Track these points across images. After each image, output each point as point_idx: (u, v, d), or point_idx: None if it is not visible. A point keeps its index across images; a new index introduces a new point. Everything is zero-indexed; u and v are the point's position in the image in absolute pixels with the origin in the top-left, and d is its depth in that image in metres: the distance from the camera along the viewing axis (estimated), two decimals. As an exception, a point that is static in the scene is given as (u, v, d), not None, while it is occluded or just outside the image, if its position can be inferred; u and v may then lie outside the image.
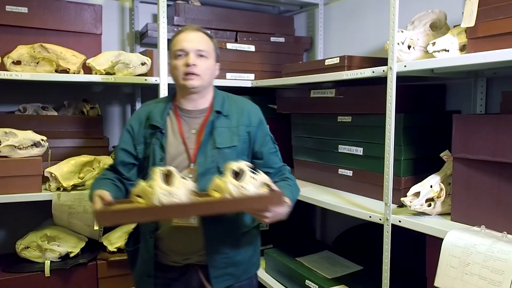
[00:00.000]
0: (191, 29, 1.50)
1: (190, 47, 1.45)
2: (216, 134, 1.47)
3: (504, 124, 1.23)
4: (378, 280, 1.52)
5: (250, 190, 1.23)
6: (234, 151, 1.47)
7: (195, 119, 1.51)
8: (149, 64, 2.12)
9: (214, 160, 1.44)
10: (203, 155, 1.45)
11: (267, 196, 1.25)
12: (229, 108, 1.53)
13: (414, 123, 1.64)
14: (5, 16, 1.94)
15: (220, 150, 1.45)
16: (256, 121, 1.53)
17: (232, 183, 1.22)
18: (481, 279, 1.11)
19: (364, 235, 2.16)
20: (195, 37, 1.47)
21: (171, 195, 1.19)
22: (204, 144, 1.46)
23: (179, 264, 1.49)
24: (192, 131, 1.49)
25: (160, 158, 1.45)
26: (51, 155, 1.96)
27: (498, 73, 1.62)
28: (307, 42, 2.60)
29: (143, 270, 1.50)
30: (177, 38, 1.49)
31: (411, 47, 1.50)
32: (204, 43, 1.48)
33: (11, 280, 1.87)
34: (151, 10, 2.57)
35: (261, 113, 1.59)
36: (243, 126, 1.50)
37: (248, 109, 1.55)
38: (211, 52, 1.50)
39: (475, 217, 1.33)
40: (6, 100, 2.26)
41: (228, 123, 1.50)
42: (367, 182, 1.78)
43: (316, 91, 2.00)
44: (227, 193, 1.21)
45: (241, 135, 1.50)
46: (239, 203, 1.23)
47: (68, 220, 2.00)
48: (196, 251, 1.46)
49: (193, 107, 1.51)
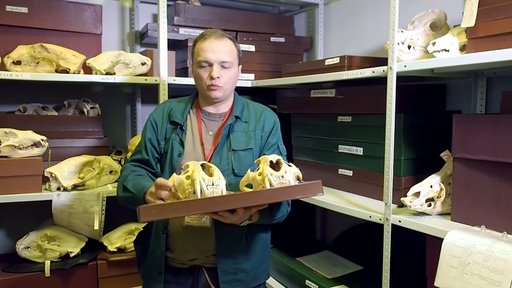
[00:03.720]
0: (214, 36, 1.47)
1: (215, 59, 1.45)
2: (233, 137, 1.49)
3: (504, 124, 1.23)
4: (378, 280, 1.52)
5: (290, 181, 1.23)
6: (250, 154, 1.49)
7: (214, 121, 1.53)
8: (149, 64, 2.12)
9: (229, 162, 1.46)
10: (218, 156, 1.46)
11: (309, 185, 1.23)
12: (248, 114, 1.56)
13: (414, 123, 1.64)
14: (5, 16, 1.94)
15: (236, 152, 1.47)
16: (269, 127, 1.55)
17: (272, 173, 1.22)
18: (481, 279, 1.11)
19: (364, 235, 2.16)
20: (220, 47, 1.46)
21: (214, 185, 1.19)
22: (220, 146, 1.48)
23: (185, 266, 1.48)
24: (209, 132, 1.51)
25: (179, 153, 1.46)
26: (51, 155, 1.96)
27: (498, 73, 1.62)
28: (307, 42, 2.60)
29: (153, 266, 1.49)
30: (201, 46, 1.47)
31: (411, 47, 1.50)
32: (229, 53, 1.47)
33: (11, 280, 1.87)
34: (151, 10, 2.57)
35: (278, 121, 1.59)
36: (259, 131, 1.53)
37: (265, 115, 1.57)
38: (234, 60, 1.50)
39: (475, 217, 1.33)
40: (6, 100, 2.26)
41: (245, 127, 1.53)
42: (367, 182, 1.78)
43: (316, 91, 2.00)
44: (267, 183, 1.21)
45: (257, 139, 1.52)
46: (283, 193, 1.22)
47: (68, 220, 2.00)
48: (204, 251, 1.45)
49: (214, 111, 1.54)
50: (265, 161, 1.27)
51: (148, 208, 1.18)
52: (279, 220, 1.47)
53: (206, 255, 1.46)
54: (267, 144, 1.53)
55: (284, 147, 1.58)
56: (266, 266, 1.59)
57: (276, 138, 1.56)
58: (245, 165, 1.46)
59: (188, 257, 1.47)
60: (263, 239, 1.56)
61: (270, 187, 1.21)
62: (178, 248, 1.47)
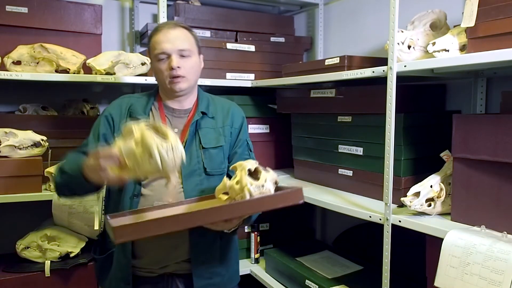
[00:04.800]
0: (167, 27, 1.41)
1: (171, 49, 1.38)
2: (202, 134, 1.43)
3: (504, 124, 1.23)
4: (378, 280, 1.52)
5: (270, 190, 1.20)
6: (221, 151, 1.44)
7: (178, 118, 1.46)
8: (149, 64, 2.12)
9: (199, 161, 1.40)
10: (188, 155, 1.37)
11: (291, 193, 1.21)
12: (214, 109, 1.49)
13: (414, 123, 1.64)
14: (5, 16, 1.94)
15: (206, 150, 1.41)
16: (238, 123, 1.51)
17: (252, 183, 1.18)
18: (481, 279, 1.11)
19: (364, 235, 2.16)
20: (174, 35, 1.39)
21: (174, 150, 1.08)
22: (188, 144, 1.41)
23: (153, 274, 1.39)
24: (175, 130, 1.44)
25: None
26: (51, 155, 1.96)
27: (498, 73, 1.62)
28: (307, 42, 2.60)
29: (119, 277, 1.38)
30: (155, 39, 1.41)
31: (411, 47, 1.50)
32: (185, 40, 1.40)
33: (11, 280, 1.86)
34: (151, 10, 2.57)
35: (244, 117, 1.55)
36: (228, 127, 1.48)
37: (233, 110, 1.52)
38: (193, 48, 1.43)
39: (475, 217, 1.33)
40: (6, 100, 2.26)
41: (213, 124, 1.46)
42: (367, 182, 1.78)
43: (316, 91, 2.00)
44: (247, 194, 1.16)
45: (227, 135, 1.47)
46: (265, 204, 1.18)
47: (68, 220, 2.00)
48: (176, 258, 1.38)
49: (178, 107, 1.47)
50: (242, 169, 1.21)
51: (123, 227, 1.07)
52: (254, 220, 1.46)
53: (177, 261, 1.38)
54: (238, 141, 1.48)
55: (251, 142, 1.54)
56: (237, 267, 1.55)
57: (245, 135, 1.52)
58: (216, 164, 1.41)
59: (157, 264, 1.38)
60: (234, 241, 1.52)
61: (250, 197, 1.16)
62: (147, 255, 1.37)
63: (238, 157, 1.47)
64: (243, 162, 1.23)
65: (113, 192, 1.43)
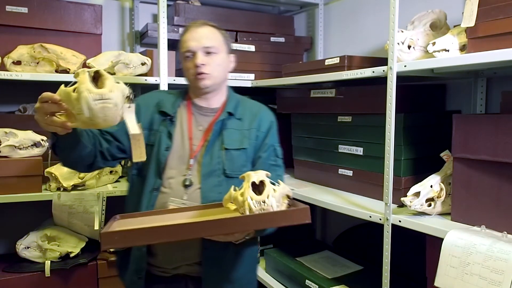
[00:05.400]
0: (195, 25, 1.43)
1: (196, 46, 1.39)
2: (225, 135, 1.41)
3: (504, 124, 1.23)
4: (378, 280, 1.52)
5: (273, 206, 1.12)
6: (243, 154, 1.41)
7: (205, 116, 1.45)
8: (149, 64, 2.12)
9: (220, 162, 1.37)
10: (209, 155, 1.38)
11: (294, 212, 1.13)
12: (242, 111, 1.47)
13: (414, 123, 1.64)
14: (5, 16, 1.94)
15: (228, 151, 1.39)
16: (266, 127, 1.47)
17: (253, 197, 1.11)
18: (481, 279, 1.11)
19: (364, 235, 2.16)
20: (201, 33, 1.41)
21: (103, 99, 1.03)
22: (211, 144, 1.39)
23: (167, 275, 1.39)
24: (199, 127, 1.43)
25: (166, 147, 1.39)
26: (51, 155, 1.96)
27: (498, 73, 1.62)
28: (307, 42, 2.60)
29: (133, 270, 1.39)
30: (183, 38, 1.43)
31: (411, 47, 1.50)
32: (211, 38, 1.41)
33: (11, 280, 1.87)
34: (151, 10, 2.57)
35: (275, 121, 1.51)
36: (254, 130, 1.45)
37: (261, 113, 1.49)
38: (220, 45, 1.43)
39: (475, 217, 1.33)
40: (6, 100, 2.26)
41: (239, 125, 1.44)
42: (367, 182, 1.78)
43: (316, 91, 2.00)
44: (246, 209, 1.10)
45: (252, 138, 1.44)
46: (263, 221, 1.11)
47: (68, 220, 2.00)
48: (189, 259, 1.37)
49: (205, 105, 1.47)
50: (248, 180, 1.15)
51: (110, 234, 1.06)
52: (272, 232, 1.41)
53: (189, 263, 1.38)
54: (263, 145, 1.45)
55: (281, 149, 1.50)
56: (253, 277, 1.52)
57: (273, 139, 1.48)
58: (237, 166, 1.38)
59: (170, 264, 1.38)
60: (251, 249, 1.48)
61: (249, 213, 1.10)
62: (160, 254, 1.38)
63: (262, 162, 1.44)
64: (251, 172, 1.18)
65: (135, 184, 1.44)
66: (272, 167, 1.44)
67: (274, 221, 1.13)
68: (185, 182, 1.37)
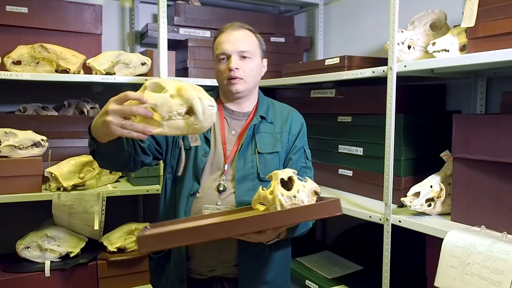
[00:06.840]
0: (231, 28, 1.39)
1: (232, 50, 1.36)
2: (258, 139, 1.40)
3: (504, 124, 1.23)
4: (378, 280, 1.52)
5: (303, 201, 1.11)
6: (276, 158, 1.40)
7: (237, 120, 1.44)
8: (149, 64, 2.12)
9: (254, 166, 1.37)
10: (242, 159, 1.37)
11: (325, 204, 1.11)
12: (273, 114, 1.46)
13: (414, 123, 1.64)
14: (5, 16, 1.94)
15: (261, 155, 1.38)
16: (297, 130, 1.46)
17: (283, 193, 1.11)
18: (481, 279, 1.11)
19: (364, 235, 2.16)
20: (236, 37, 1.37)
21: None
22: (244, 147, 1.38)
23: (204, 277, 1.39)
24: (232, 132, 1.42)
25: (204, 153, 1.37)
26: (51, 155, 1.96)
27: (498, 73, 1.63)
28: (307, 42, 2.60)
29: (175, 276, 1.38)
30: (218, 40, 1.40)
31: (411, 47, 1.50)
32: (247, 42, 1.38)
33: (11, 280, 1.86)
34: (151, 10, 2.57)
35: (305, 124, 1.51)
36: (286, 133, 1.44)
37: (292, 116, 1.48)
38: (255, 50, 1.40)
39: (475, 217, 1.33)
40: (6, 100, 2.26)
41: (271, 129, 1.43)
42: (367, 182, 1.78)
43: (316, 91, 2.00)
44: (277, 205, 1.10)
45: (284, 141, 1.43)
46: (295, 216, 1.09)
47: (68, 220, 2.00)
48: (225, 261, 1.37)
49: (237, 109, 1.45)
50: (276, 178, 1.15)
51: (146, 237, 1.07)
52: (304, 233, 1.40)
53: (226, 265, 1.37)
54: (293, 147, 1.44)
55: (310, 151, 1.50)
56: (286, 278, 1.51)
57: (303, 142, 1.48)
58: (271, 169, 1.35)
59: (206, 267, 1.38)
60: (285, 250, 1.47)
61: (281, 208, 1.09)
62: (197, 256, 1.38)
63: (293, 163, 1.42)
64: (278, 171, 1.18)
65: (171, 189, 1.42)
66: (302, 169, 1.43)
67: (306, 215, 1.11)
68: (219, 187, 1.36)
